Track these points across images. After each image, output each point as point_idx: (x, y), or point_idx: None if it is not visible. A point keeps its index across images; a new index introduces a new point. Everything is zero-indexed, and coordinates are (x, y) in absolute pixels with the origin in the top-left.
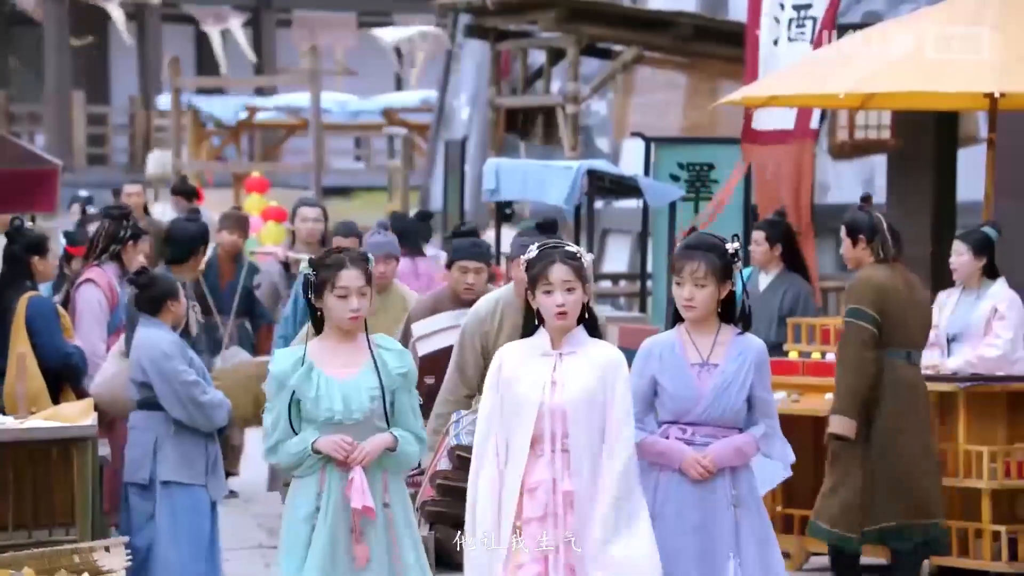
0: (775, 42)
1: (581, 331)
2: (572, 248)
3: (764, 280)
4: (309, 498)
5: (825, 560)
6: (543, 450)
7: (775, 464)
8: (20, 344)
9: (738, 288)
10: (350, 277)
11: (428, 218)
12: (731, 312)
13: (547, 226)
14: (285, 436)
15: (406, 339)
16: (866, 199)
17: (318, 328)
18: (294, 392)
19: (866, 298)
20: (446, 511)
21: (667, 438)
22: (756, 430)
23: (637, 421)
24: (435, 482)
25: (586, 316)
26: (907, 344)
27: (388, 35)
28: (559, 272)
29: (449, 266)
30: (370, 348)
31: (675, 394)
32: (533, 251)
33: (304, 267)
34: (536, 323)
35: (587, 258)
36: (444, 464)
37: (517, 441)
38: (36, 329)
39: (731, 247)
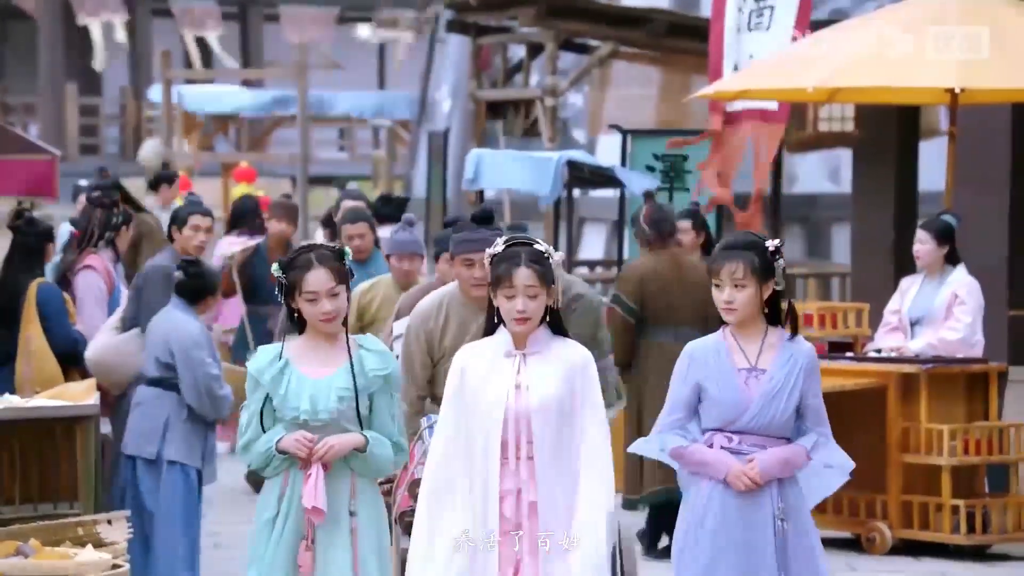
0: (737, 29)
1: (544, 330)
2: (540, 247)
3: None
4: (272, 501)
5: None
6: (507, 458)
7: (829, 471)
8: (31, 329)
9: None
10: (318, 279)
11: (403, 202)
12: (778, 314)
13: (482, 218)
14: (256, 435)
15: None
16: (648, 195)
17: (300, 328)
18: (270, 389)
19: (627, 286)
20: None
21: (711, 446)
22: (806, 440)
23: (680, 428)
24: (414, 491)
25: (546, 318)
26: (674, 323)
27: (368, 32)
28: (522, 277)
29: (451, 258)
30: (349, 348)
31: (721, 401)
32: (499, 247)
33: (275, 269)
34: (497, 321)
35: (555, 258)
36: (422, 472)
37: (487, 448)
38: (47, 315)
39: (772, 244)
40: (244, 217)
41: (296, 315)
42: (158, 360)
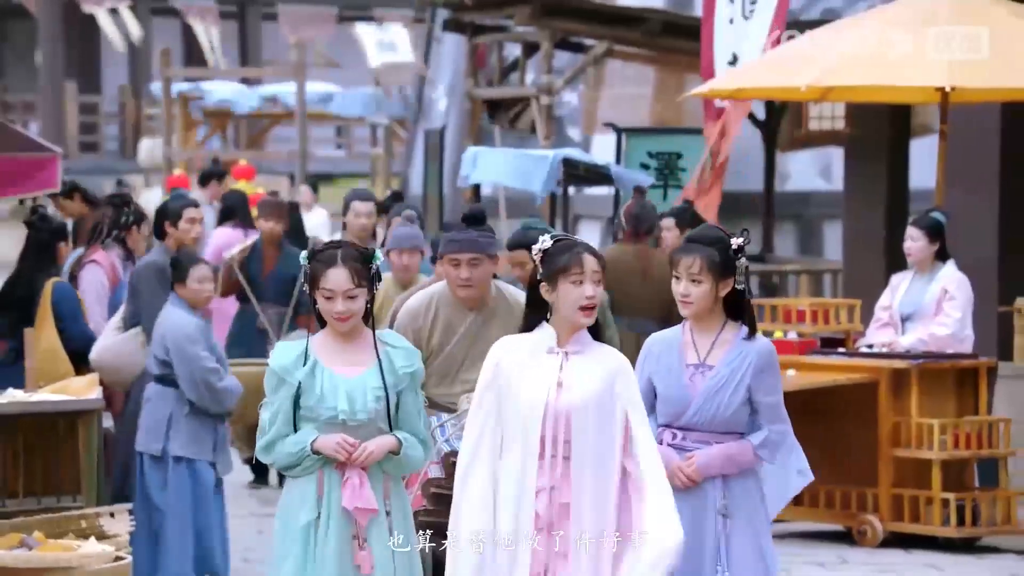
0: (731, 21)
1: (586, 331)
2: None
3: None
4: (309, 504)
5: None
6: (543, 456)
7: (787, 473)
8: (46, 327)
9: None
10: (337, 279)
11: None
12: (738, 311)
13: (473, 218)
14: (282, 434)
15: None
16: (638, 190)
17: (321, 321)
18: (298, 388)
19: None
20: (440, 521)
21: (660, 443)
22: (755, 436)
23: None
24: (428, 491)
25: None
26: (628, 314)
27: (366, 33)
28: (591, 263)
29: (439, 259)
30: (376, 346)
31: (665, 396)
32: (548, 241)
33: (302, 257)
34: (537, 318)
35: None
36: (436, 472)
37: (526, 444)
38: (62, 314)
39: (736, 242)
40: (235, 211)
41: (316, 308)
42: (157, 357)
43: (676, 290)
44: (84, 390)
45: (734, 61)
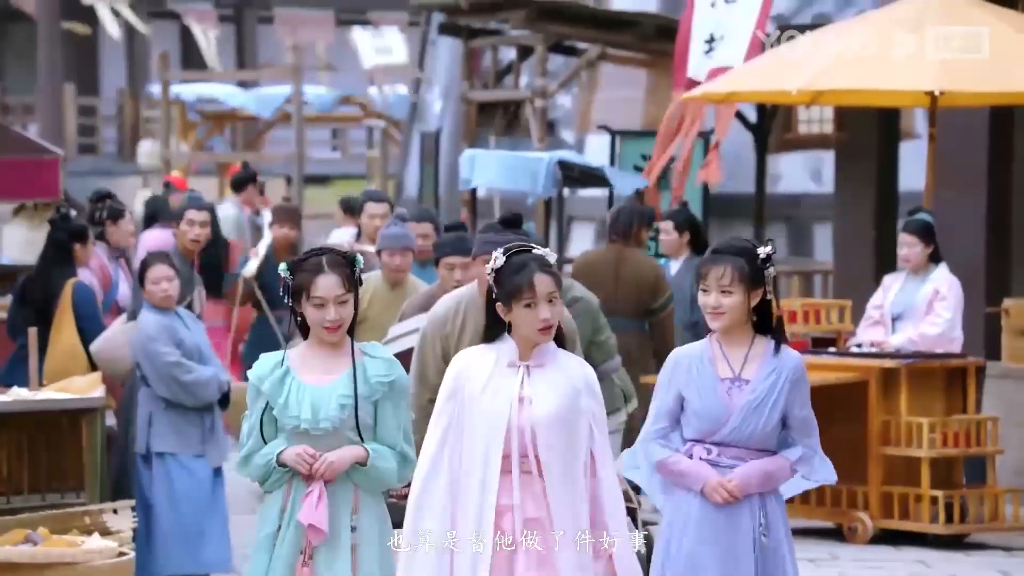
0: (712, 5)
1: (550, 342)
2: (540, 252)
3: (675, 265)
4: (272, 516)
5: None
6: (506, 472)
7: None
8: (65, 326)
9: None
10: (327, 285)
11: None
12: (767, 322)
13: (511, 221)
14: (256, 447)
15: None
16: (637, 192)
17: (304, 333)
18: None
19: (573, 273)
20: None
21: (691, 457)
22: (791, 453)
23: (661, 438)
24: None
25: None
26: (607, 312)
27: (362, 38)
28: (544, 284)
29: (436, 263)
30: (353, 355)
31: (701, 411)
32: (500, 258)
33: (282, 268)
34: (498, 329)
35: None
36: None
37: (487, 461)
38: (82, 314)
39: (763, 251)
40: (157, 214)
41: (300, 319)
42: (136, 360)
43: (706, 302)
44: (87, 388)
45: (711, 41)
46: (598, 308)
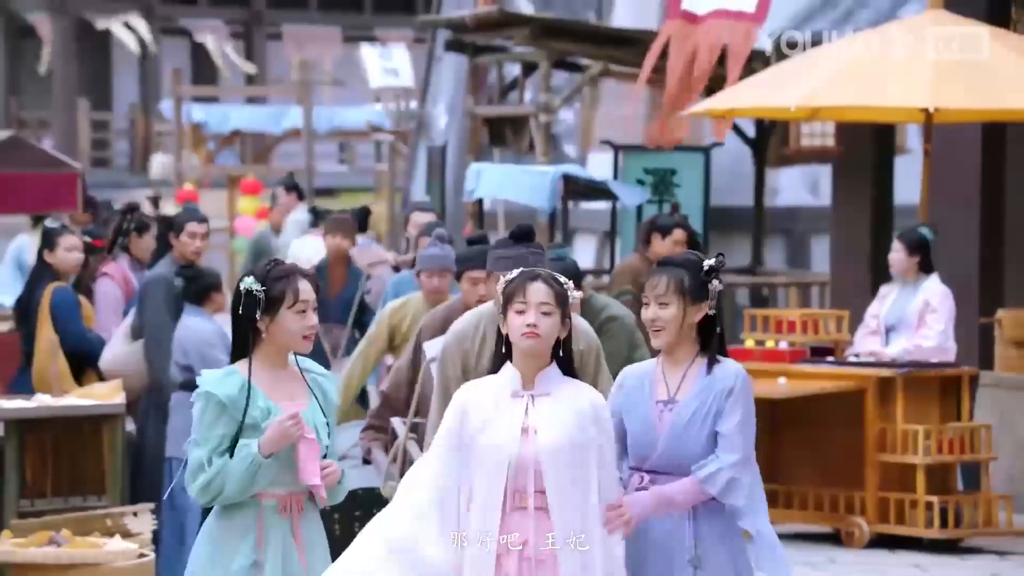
0: None
1: (555, 369)
2: (558, 276)
3: None
4: (245, 548)
5: None
6: (510, 508)
7: (776, 555)
8: (44, 328)
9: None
10: (307, 289)
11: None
12: (709, 341)
13: (522, 234)
14: (221, 467)
15: (416, 357)
16: (673, 205)
17: (243, 351)
18: (243, 423)
19: (624, 279)
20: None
21: (626, 488)
22: (702, 470)
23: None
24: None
25: (559, 353)
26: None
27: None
28: (537, 291)
29: (458, 277)
30: (303, 375)
31: (633, 436)
32: (513, 273)
33: (250, 282)
34: (503, 358)
35: (574, 293)
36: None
37: (489, 497)
38: (59, 316)
39: (708, 263)
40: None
41: (251, 334)
42: (178, 364)
43: (645, 317)
44: (108, 395)
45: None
46: (634, 325)
